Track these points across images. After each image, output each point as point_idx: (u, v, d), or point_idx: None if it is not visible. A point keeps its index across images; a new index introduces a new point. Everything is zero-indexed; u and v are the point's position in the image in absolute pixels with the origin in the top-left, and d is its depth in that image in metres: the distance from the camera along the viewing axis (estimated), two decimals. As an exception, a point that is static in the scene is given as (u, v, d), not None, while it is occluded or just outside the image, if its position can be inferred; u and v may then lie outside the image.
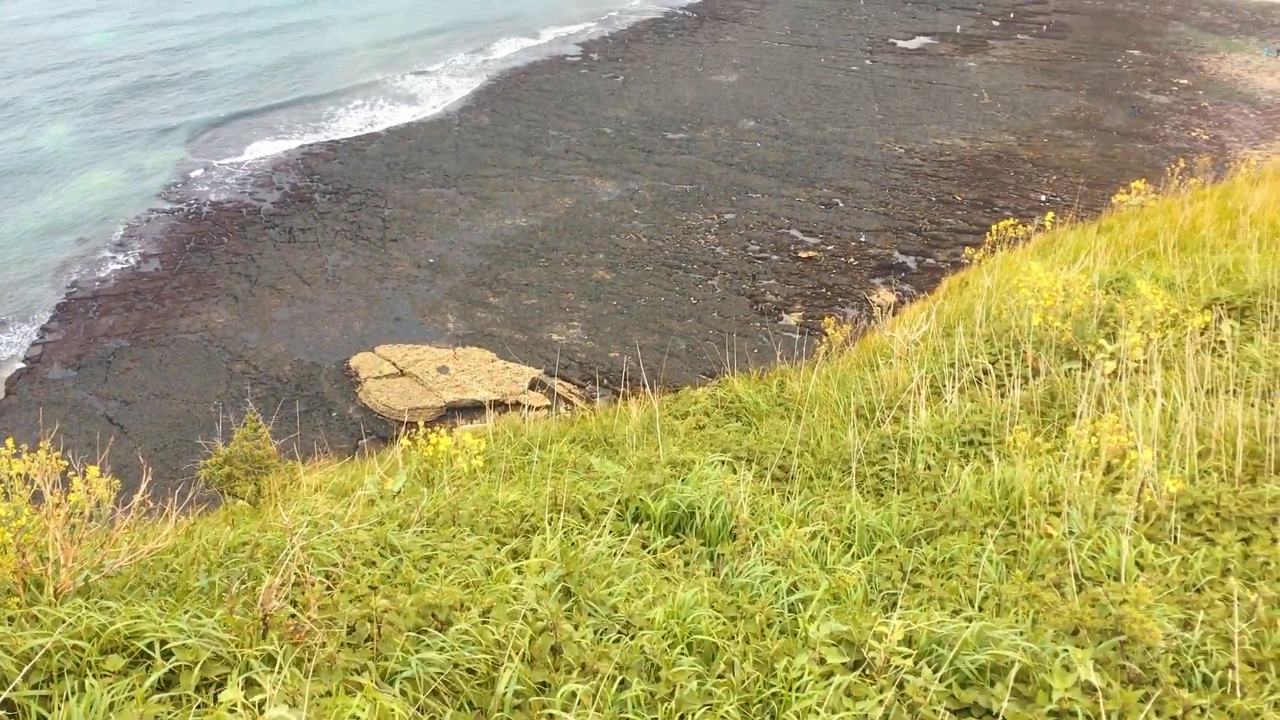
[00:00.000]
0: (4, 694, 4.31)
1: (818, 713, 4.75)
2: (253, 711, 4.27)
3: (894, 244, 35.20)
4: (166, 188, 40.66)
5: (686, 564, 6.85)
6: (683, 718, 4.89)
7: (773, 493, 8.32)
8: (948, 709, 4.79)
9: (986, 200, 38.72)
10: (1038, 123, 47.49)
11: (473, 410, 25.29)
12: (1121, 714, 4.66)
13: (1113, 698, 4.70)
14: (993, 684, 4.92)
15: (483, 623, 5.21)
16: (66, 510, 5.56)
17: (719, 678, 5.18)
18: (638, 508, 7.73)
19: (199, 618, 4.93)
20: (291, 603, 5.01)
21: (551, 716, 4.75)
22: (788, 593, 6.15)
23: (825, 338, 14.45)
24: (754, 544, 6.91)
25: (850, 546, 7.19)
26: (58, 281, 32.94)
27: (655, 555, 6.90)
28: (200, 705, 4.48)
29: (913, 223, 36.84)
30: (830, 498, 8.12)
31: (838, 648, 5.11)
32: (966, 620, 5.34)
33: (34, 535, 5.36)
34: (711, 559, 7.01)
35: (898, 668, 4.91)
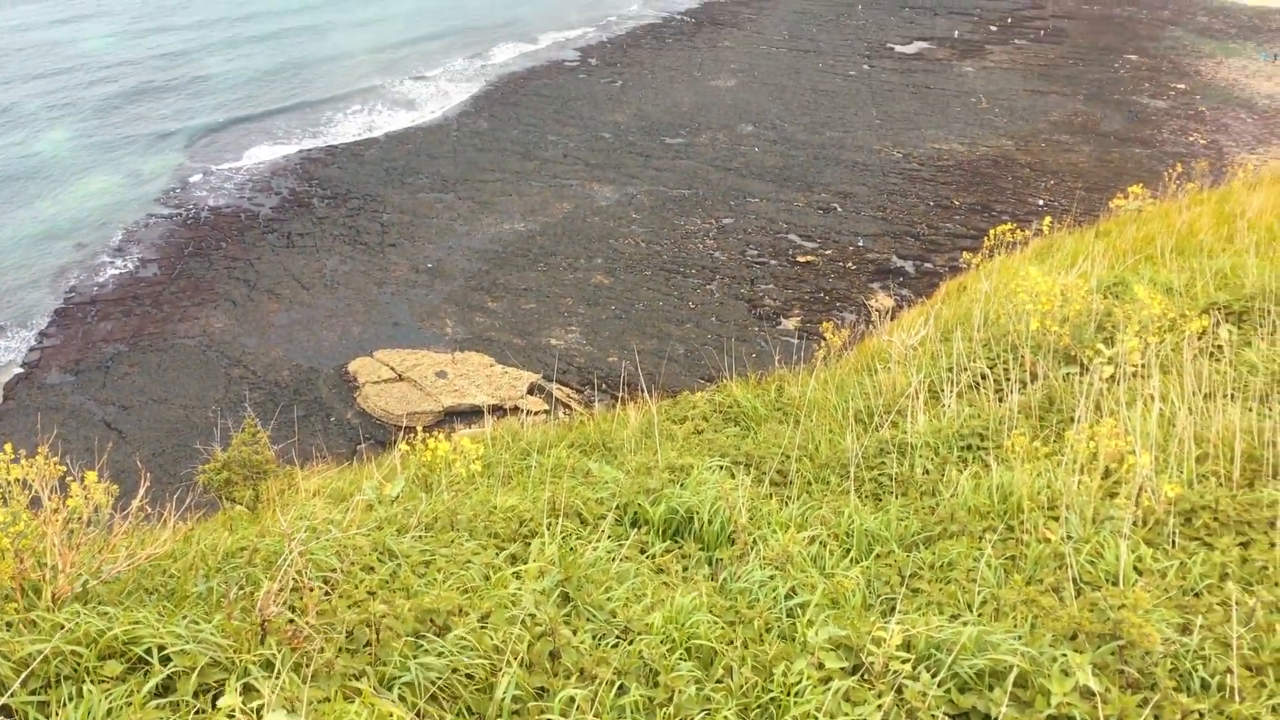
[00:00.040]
0: (2, 700, 4.31)
1: (816, 718, 4.75)
2: (251, 717, 4.26)
3: (892, 249, 35.23)
4: (165, 193, 40.68)
5: (685, 569, 6.85)
6: (681, 723, 4.89)
7: (771, 497, 8.32)
8: (946, 714, 4.78)
9: (984, 205, 38.77)
10: (1035, 128, 47.56)
11: (471, 415, 25.29)
12: (1120, 719, 4.66)
13: (1111, 702, 4.70)
14: (991, 689, 4.91)
15: (481, 628, 5.21)
16: (64, 515, 5.56)
17: (717, 683, 5.18)
18: (636, 513, 7.72)
19: (197, 623, 4.93)
20: (290, 608, 5.01)
21: (550, 722, 4.75)
22: (786, 597, 6.15)
23: (823, 342, 14.45)
24: (752, 549, 6.91)
25: (849, 551, 7.19)
26: (56, 287, 32.94)
27: (654, 560, 6.90)
28: (198, 711, 4.47)
29: (911, 227, 36.88)
30: (829, 502, 8.12)
31: (836, 653, 5.10)
32: (965, 625, 5.34)
33: (32, 540, 5.36)
34: (710, 564, 7.01)
35: (896, 673, 4.91)
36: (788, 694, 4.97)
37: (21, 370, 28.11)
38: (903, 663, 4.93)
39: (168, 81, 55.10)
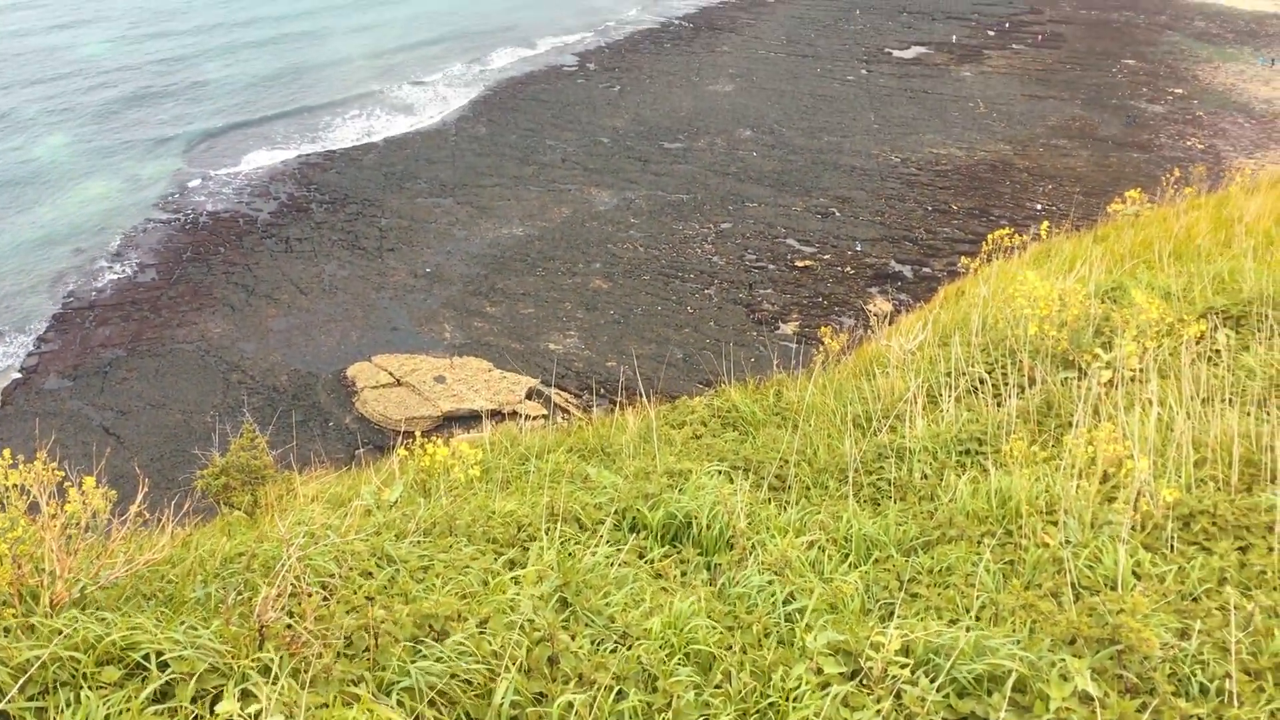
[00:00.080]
0: (1, 705, 4.30)
1: (815, 723, 4.75)
2: (249, 723, 4.26)
3: (890, 253, 35.25)
4: (163, 198, 40.70)
5: (683, 574, 6.85)
6: (680, 728, 4.88)
7: (770, 502, 8.31)
8: (945, 719, 4.78)
9: (982, 209, 38.80)
10: (1033, 132, 47.61)
11: (470, 420, 25.29)
12: (1119, 723, 4.66)
13: (1110, 707, 4.70)
14: (990, 694, 4.91)
15: (480, 633, 5.20)
16: (63, 521, 5.55)
17: (716, 688, 5.17)
18: (635, 518, 7.72)
19: (195, 629, 4.92)
20: (288, 614, 5.00)
21: (548, 727, 4.74)
22: (785, 602, 6.14)
23: (822, 347, 14.45)
24: (751, 554, 6.91)
25: (847, 556, 7.19)
26: (54, 292, 32.95)
27: (652, 565, 6.89)
28: (196, 717, 4.47)
29: (909, 232, 36.90)
30: (827, 507, 8.11)
31: (835, 657, 5.10)
32: (963, 630, 5.33)
33: (30, 546, 5.35)
34: (709, 569, 7.00)
35: (895, 677, 4.90)
36: (786, 699, 4.97)
37: (20, 375, 28.10)
38: (901, 668, 4.93)
39: (166, 87, 55.14)
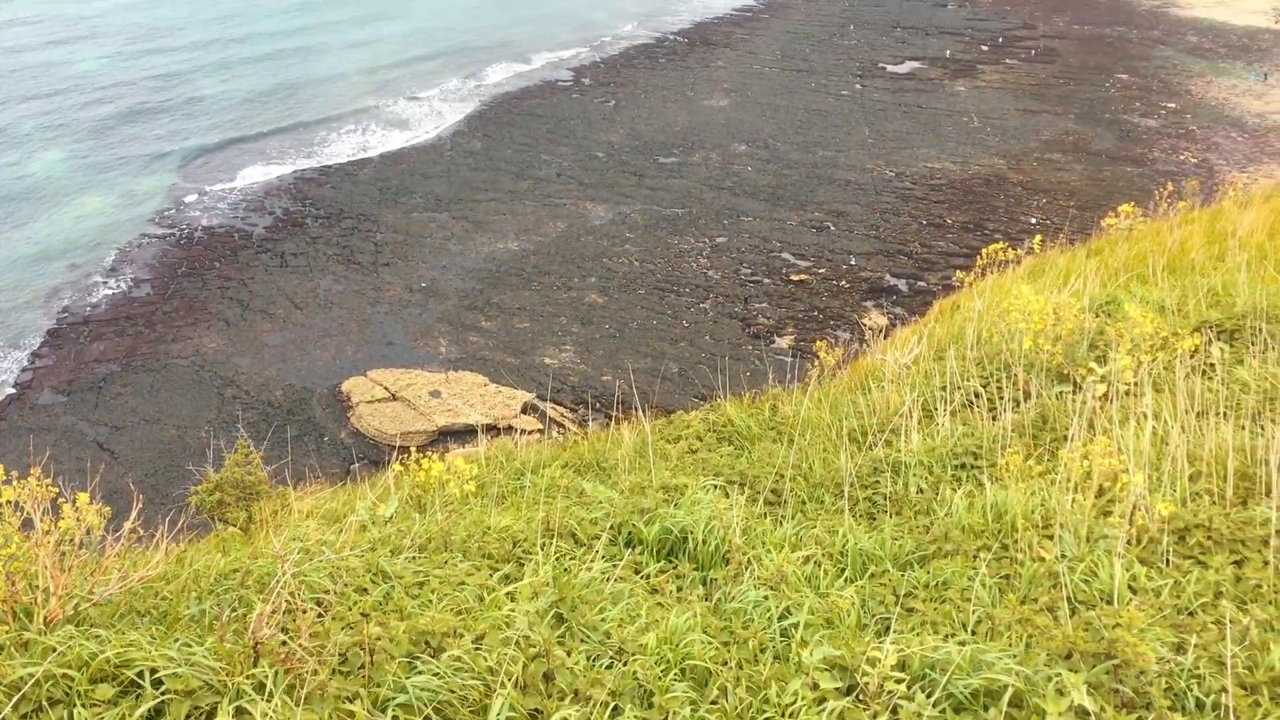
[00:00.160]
0: (-8, 724, 4.28)
1: (811, 739, 4.74)
2: (243, 740, 4.24)
3: (885, 267, 35.32)
4: (159, 213, 40.70)
5: (679, 589, 6.84)
6: (676, 744, 4.87)
7: (765, 517, 8.31)
8: (942, 734, 4.77)
9: (977, 223, 38.91)
10: (1027, 146, 47.79)
11: (465, 434, 25.26)
12: (1115, 738, 4.65)
13: (1106, 722, 4.70)
14: (986, 708, 4.90)
15: (475, 649, 5.19)
16: (56, 537, 5.54)
17: (712, 703, 5.16)
18: (630, 533, 7.71)
19: (189, 646, 4.91)
20: (283, 630, 4.99)
21: (544, 744, 4.73)
22: (780, 617, 6.13)
23: (817, 361, 14.46)
24: (747, 569, 6.90)
25: (843, 571, 7.18)
26: (49, 307, 32.90)
27: (648, 580, 6.88)
28: (190, 734, 4.45)
29: (904, 246, 36.99)
30: (823, 522, 8.11)
31: (831, 673, 5.09)
32: (960, 644, 5.33)
33: (24, 563, 5.34)
34: (704, 584, 6.99)
35: (891, 693, 4.90)
36: (782, 714, 4.96)
37: (14, 391, 28.04)
38: (897, 683, 4.92)
39: (162, 103, 55.21)
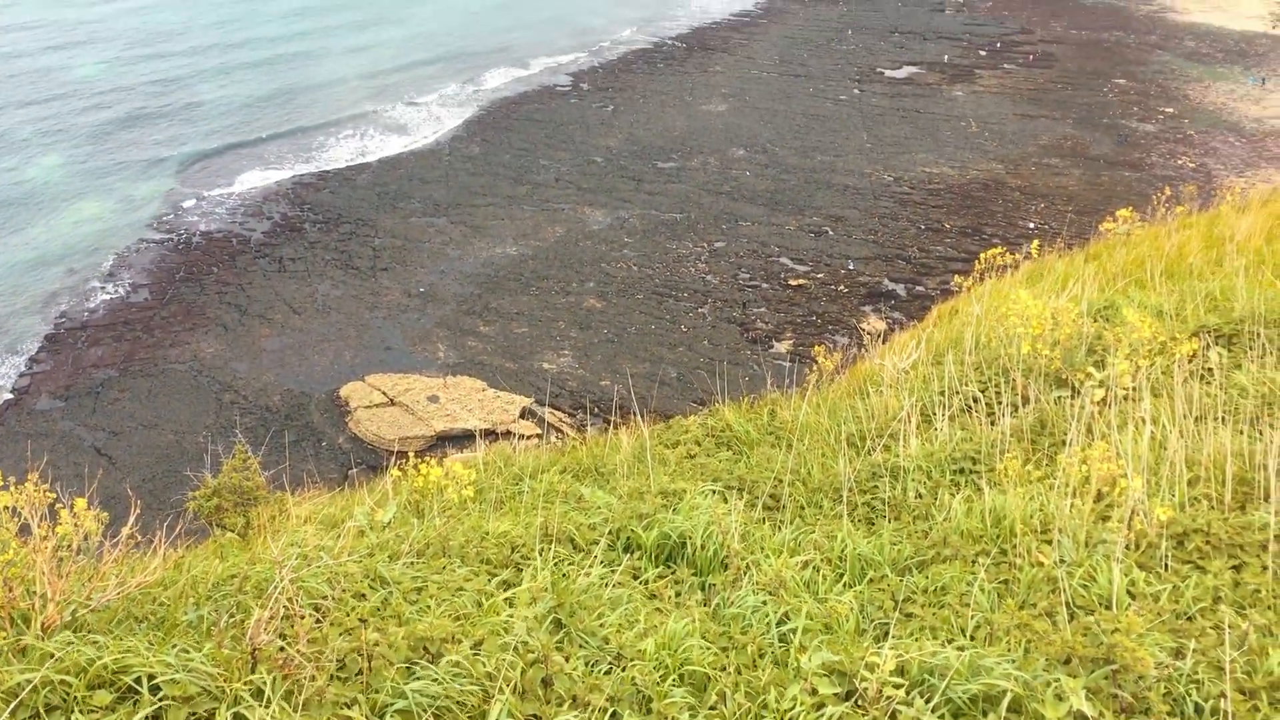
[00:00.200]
0: (-11, 730, 4.27)
1: (810, 744, 4.73)
2: (241, 747, 4.24)
3: (883, 271, 35.34)
4: (157, 218, 40.67)
5: (678, 594, 6.83)
6: (675, 750, 4.87)
7: (764, 522, 8.31)
8: (941, 740, 4.77)
9: (975, 228, 38.94)
10: (1025, 151, 47.84)
11: (463, 439, 25.24)
12: (1114, 744, 4.65)
13: (1105, 727, 4.69)
14: (985, 714, 4.90)
15: (474, 655, 5.18)
16: (54, 543, 5.53)
17: (711, 709, 5.16)
18: (629, 538, 7.71)
19: (187, 652, 4.90)
20: (281, 636, 4.98)
21: (543, 750, 4.73)
22: (779, 623, 6.13)
23: (816, 366, 14.46)
24: (745, 574, 6.90)
25: (842, 576, 7.18)
26: (46, 312, 32.87)
27: (646, 586, 6.88)
28: (188, 741, 4.44)
29: (902, 250, 37.01)
30: (821, 527, 8.11)
31: (830, 678, 5.09)
32: (959, 649, 5.33)
33: (21, 569, 5.33)
34: (703, 589, 6.99)
35: (890, 698, 4.89)
36: (781, 720, 4.96)
37: (11, 396, 28.00)
38: (896, 688, 4.92)
39: (160, 108, 55.20)
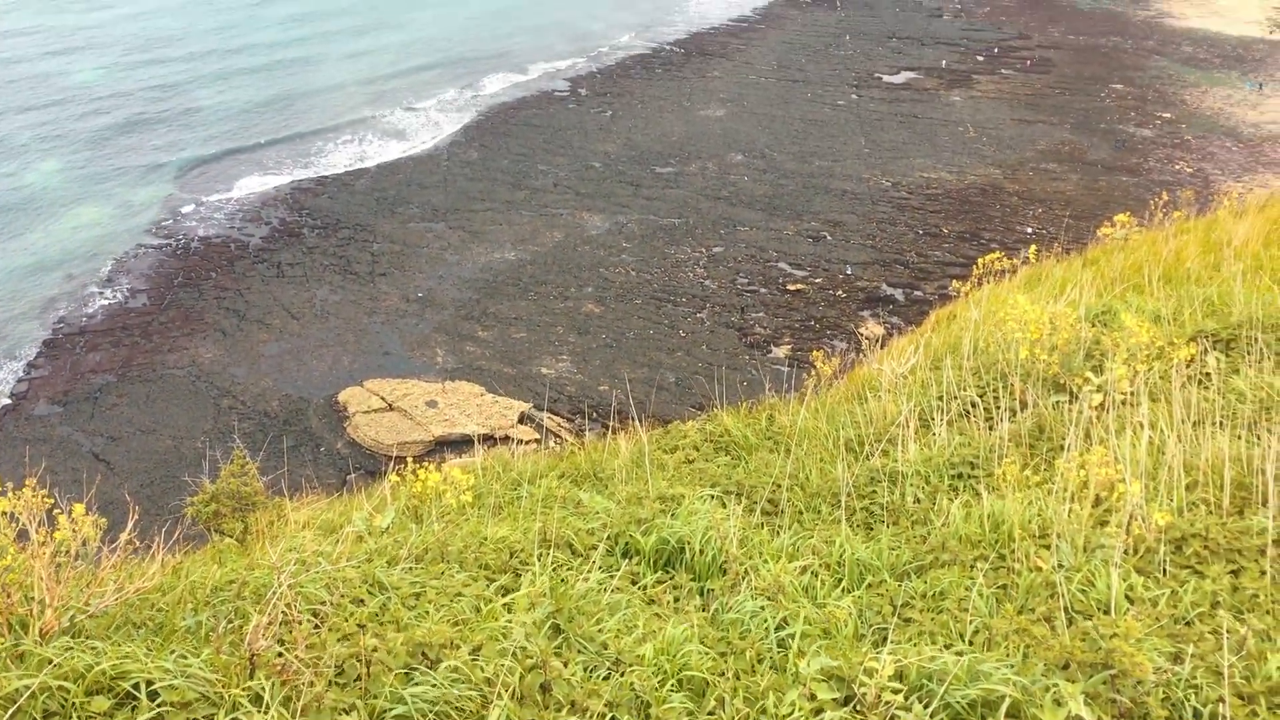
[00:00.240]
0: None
1: (809, 750, 4.73)
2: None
3: (882, 276, 35.37)
4: (155, 224, 40.67)
5: (676, 599, 6.83)
6: (673, 756, 4.86)
7: (762, 527, 8.30)
8: (939, 745, 4.77)
9: (973, 233, 38.97)
10: (1023, 156, 47.89)
11: (462, 445, 25.23)
12: (1113, 749, 4.65)
13: (1104, 732, 4.69)
14: (984, 719, 4.90)
15: (472, 660, 5.18)
16: (52, 549, 5.52)
17: (709, 714, 5.15)
18: (627, 543, 7.70)
19: (185, 658, 4.89)
20: (279, 642, 4.98)
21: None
22: (778, 628, 6.12)
23: (814, 370, 14.47)
24: (744, 579, 6.89)
25: (840, 581, 7.17)
26: (45, 318, 32.85)
27: (645, 591, 6.88)
28: (186, 747, 4.43)
29: (900, 255, 37.04)
30: (820, 532, 8.10)
31: (828, 683, 5.08)
32: (957, 654, 5.32)
33: (19, 574, 5.32)
34: (701, 594, 6.98)
35: (888, 703, 4.89)
36: (780, 726, 4.95)
37: (9, 402, 27.98)
38: (895, 693, 4.91)
39: (159, 113, 55.21)
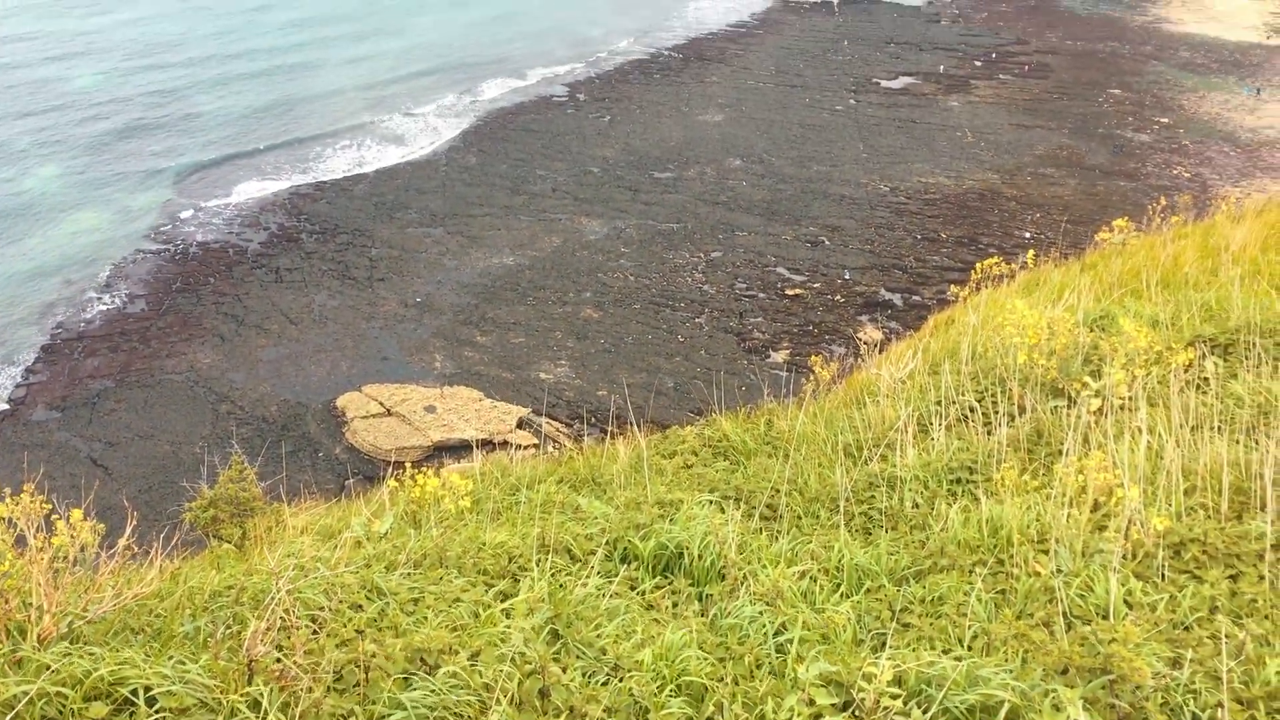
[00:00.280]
0: (-15, 743, 4.26)
1: (808, 755, 4.72)
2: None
3: (880, 281, 35.39)
4: (154, 229, 40.68)
5: (675, 605, 6.82)
6: (672, 761, 4.86)
7: (761, 532, 8.30)
8: (938, 750, 4.76)
9: (971, 238, 39.00)
10: (1021, 161, 47.95)
11: (460, 450, 25.22)
12: (1112, 754, 4.64)
13: (1103, 737, 4.69)
14: (983, 724, 4.90)
15: (471, 666, 5.17)
16: (50, 555, 5.52)
17: (708, 720, 5.15)
18: (626, 548, 7.69)
19: (184, 663, 4.89)
20: (277, 647, 4.97)
21: (540, 761, 4.71)
22: (776, 633, 6.12)
23: (812, 375, 14.45)
24: (742, 584, 6.88)
25: (839, 586, 7.17)
26: (43, 323, 32.84)
27: (644, 596, 6.87)
28: (184, 753, 4.43)
29: (898, 260, 37.06)
30: (818, 537, 8.10)
31: (827, 688, 5.08)
32: (956, 660, 5.32)
33: (17, 580, 5.32)
34: (700, 599, 6.98)
35: (887, 708, 4.88)
36: (779, 731, 4.94)
37: (7, 407, 27.96)
38: (894, 698, 4.91)
39: (158, 119, 55.25)
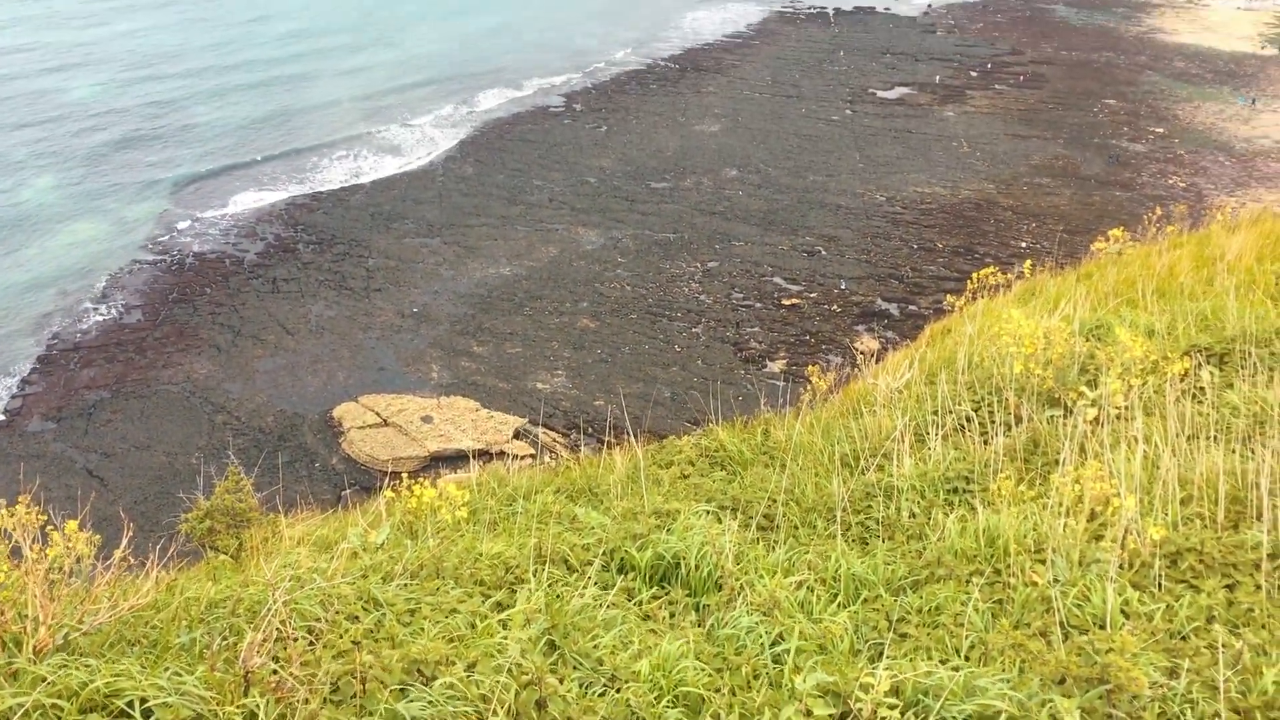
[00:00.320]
0: (-20, 755, 4.25)
1: (805, 766, 4.71)
2: (233, 771, 4.21)
3: (876, 291, 35.43)
4: (150, 239, 40.70)
5: (672, 615, 6.82)
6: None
7: (758, 542, 8.29)
8: (935, 760, 4.75)
9: (967, 248, 39.07)
10: (1017, 171, 48.06)
11: (457, 460, 25.21)
12: (1109, 764, 4.64)
13: (1100, 747, 4.68)
14: (980, 734, 4.89)
15: (467, 677, 5.16)
16: (46, 566, 5.51)
17: (705, 731, 5.14)
18: (623, 558, 7.69)
19: (180, 675, 4.88)
20: (274, 659, 4.96)
21: (536, 772, 4.70)
22: (773, 643, 6.11)
23: (809, 385, 14.45)
24: (739, 594, 6.88)
25: (836, 596, 7.16)
26: (39, 334, 32.82)
27: (641, 607, 6.86)
28: (180, 765, 4.42)
29: (895, 270, 37.12)
30: (815, 547, 8.09)
31: (824, 699, 5.07)
32: (953, 670, 5.32)
33: (13, 592, 5.31)
34: (697, 610, 6.97)
35: (884, 718, 4.88)
36: (776, 742, 4.94)
37: (3, 418, 27.92)
38: (891, 709, 4.91)
39: (155, 130, 55.30)
